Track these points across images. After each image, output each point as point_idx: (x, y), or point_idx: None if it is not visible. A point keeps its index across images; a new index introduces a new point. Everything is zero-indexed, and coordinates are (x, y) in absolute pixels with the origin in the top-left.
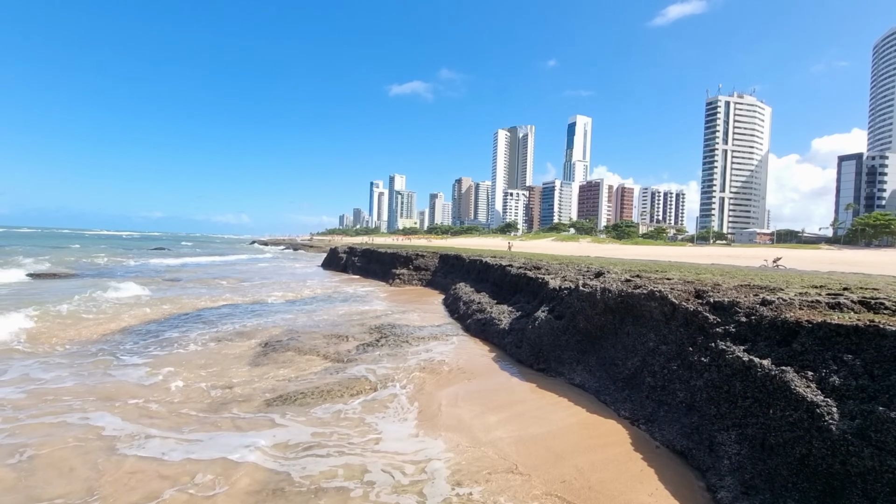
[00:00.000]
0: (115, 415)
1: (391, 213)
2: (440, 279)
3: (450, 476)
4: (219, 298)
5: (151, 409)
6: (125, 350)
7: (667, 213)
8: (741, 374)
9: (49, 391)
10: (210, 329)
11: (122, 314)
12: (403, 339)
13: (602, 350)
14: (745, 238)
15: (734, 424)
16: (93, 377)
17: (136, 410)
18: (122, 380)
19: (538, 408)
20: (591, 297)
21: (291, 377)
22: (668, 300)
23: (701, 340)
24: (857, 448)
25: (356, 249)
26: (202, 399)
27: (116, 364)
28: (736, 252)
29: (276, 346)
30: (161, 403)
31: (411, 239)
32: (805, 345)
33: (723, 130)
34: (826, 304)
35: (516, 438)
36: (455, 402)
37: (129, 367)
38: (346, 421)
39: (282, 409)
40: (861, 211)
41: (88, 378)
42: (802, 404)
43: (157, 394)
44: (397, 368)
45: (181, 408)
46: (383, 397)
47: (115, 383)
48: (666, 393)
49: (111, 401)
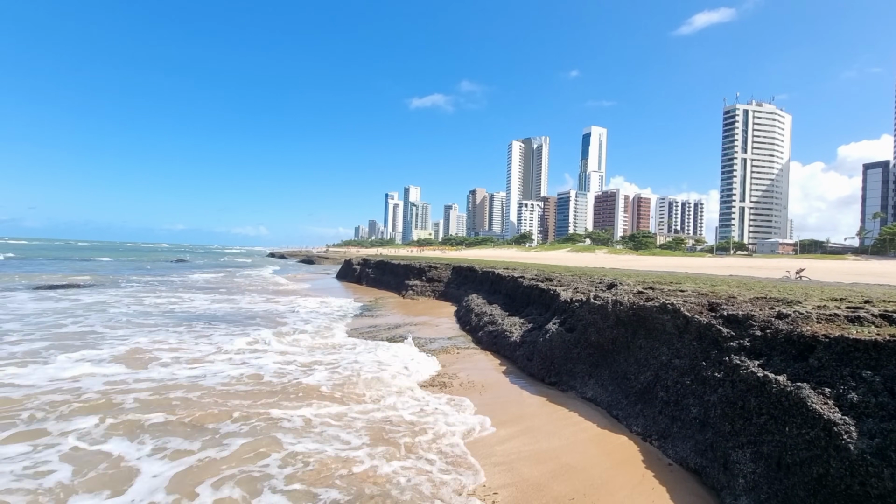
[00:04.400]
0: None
1: (406, 224)
2: (453, 291)
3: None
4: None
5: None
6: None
7: (685, 224)
8: (756, 389)
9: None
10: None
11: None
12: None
13: (614, 364)
14: (766, 249)
15: (749, 442)
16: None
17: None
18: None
19: (549, 422)
20: (602, 309)
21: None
22: (681, 313)
23: (715, 355)
24: (877, 469)
25: (370, 261)
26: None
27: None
28: (757, 263)
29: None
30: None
31: (423, 250)
32: (822, 360)
33: (741, 139)
34: (845, 317)
35: (527, 454)
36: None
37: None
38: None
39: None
40: (889, 220)
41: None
42: (819, 422)
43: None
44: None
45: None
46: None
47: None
48: (679, 408)
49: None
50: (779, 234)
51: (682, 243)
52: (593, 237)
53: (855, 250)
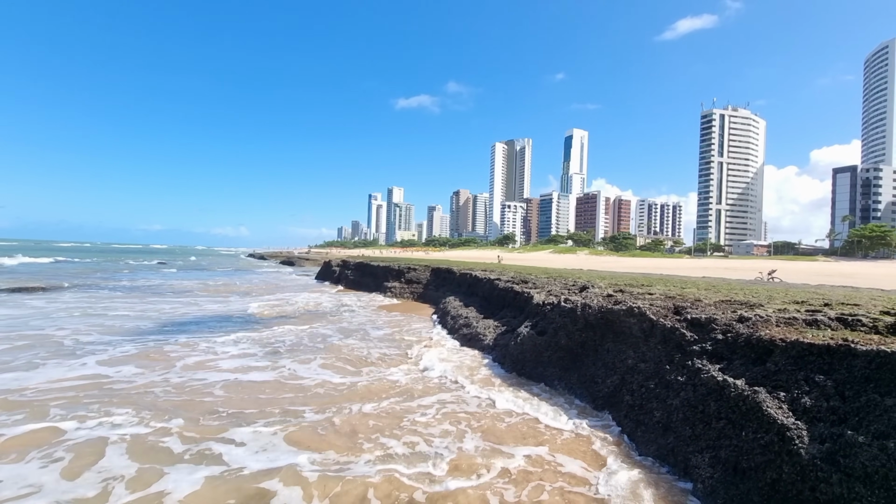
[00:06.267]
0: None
1: (389, 225)
2: (432, 292)
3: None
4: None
5: None
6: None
7: (664, 225)
8: (715, 393)
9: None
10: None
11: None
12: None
13: (583, 367)
14: (742, 250)
15: (708, 447)
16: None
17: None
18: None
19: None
20: (572, 312)
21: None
22: (647, 316)
23: (678, 358)
24: (826, 474)
25: (349, 263)
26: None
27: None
28: (732, 264)
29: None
30: None
31: (407, 251)
32: (779, 364)
33: (718, 143)
34: (804, 320)
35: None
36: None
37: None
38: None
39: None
40: (857, 223)
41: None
42: (774, 427)
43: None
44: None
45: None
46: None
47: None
48: (643, 412)
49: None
50: (754, 235)
51: (661, 245)
52: (575, 238)
53: (825, 252)
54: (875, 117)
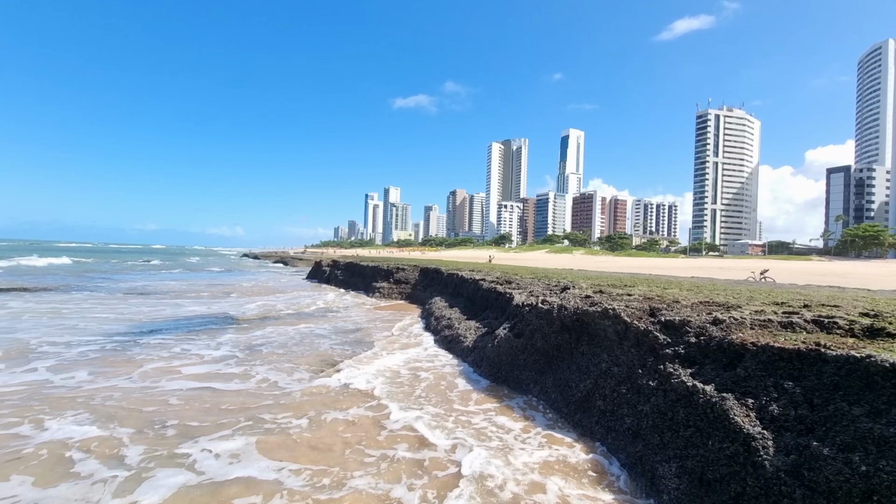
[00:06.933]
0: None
1: (386, 225)
2: (420, 293)
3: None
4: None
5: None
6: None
7: (660, 225)
8: (685, 400)
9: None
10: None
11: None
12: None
13: (558, 371)
14: (737, 250)
15: (676, 456)
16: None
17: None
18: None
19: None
20: (548, 314)
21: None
22: (621, 318)
23: (651, 362)
24: (790, 488)
25: (339, 263)
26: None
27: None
28: (726, 264)
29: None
30: None
31: (404, 251)
32: (749, 369)
33: (713, 143)
34: (779, 323)
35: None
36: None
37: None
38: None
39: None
40: (850, 222)
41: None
42: (740, 436)
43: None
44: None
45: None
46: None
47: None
48: (615, 418)
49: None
50: (749, 235)
51: (657, 244)
52: (571, 238)
53: (819, 251)
54: (868, 118)
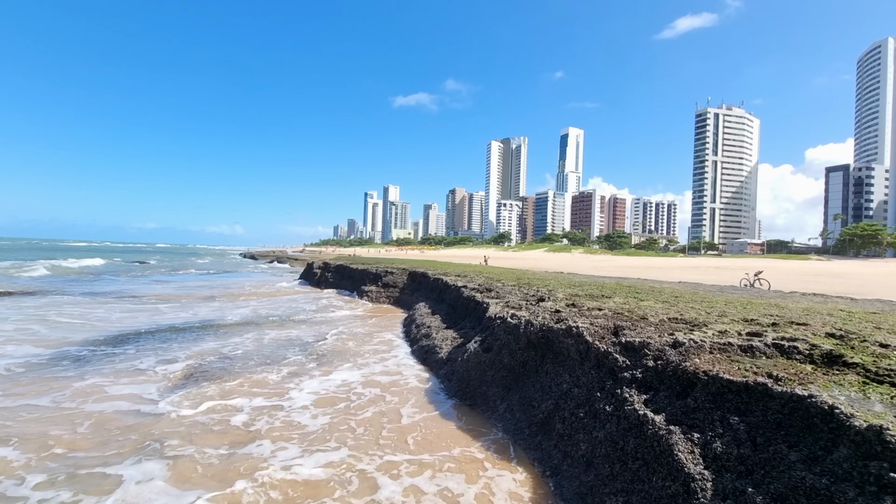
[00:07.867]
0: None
1: (385, 223)
2: (407, 297)
3: None
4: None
5: None
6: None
7: (659, 224)
8: (636, 430)
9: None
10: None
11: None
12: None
13: (523, 389)
14: (736, 248)
15: (622, 490)
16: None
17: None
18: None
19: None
20: (515, 329)
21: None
22: (583, 338)
23: (609, 385)
24: None
25: (330, 265)
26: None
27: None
28: (723, 263)
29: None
30: None
31: (403, 249)
32: (698, 400)
33: (712, 142)
34: (739, 346)
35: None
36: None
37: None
38: None
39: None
40: (849, 221)
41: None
42: (681, 475)
43: None
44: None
45: None
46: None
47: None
48: (571, 443)
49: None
50: (747, 234)
51: (656, 243)
52: (570, 237)
53: (818, 250)
54: (868, 116)
